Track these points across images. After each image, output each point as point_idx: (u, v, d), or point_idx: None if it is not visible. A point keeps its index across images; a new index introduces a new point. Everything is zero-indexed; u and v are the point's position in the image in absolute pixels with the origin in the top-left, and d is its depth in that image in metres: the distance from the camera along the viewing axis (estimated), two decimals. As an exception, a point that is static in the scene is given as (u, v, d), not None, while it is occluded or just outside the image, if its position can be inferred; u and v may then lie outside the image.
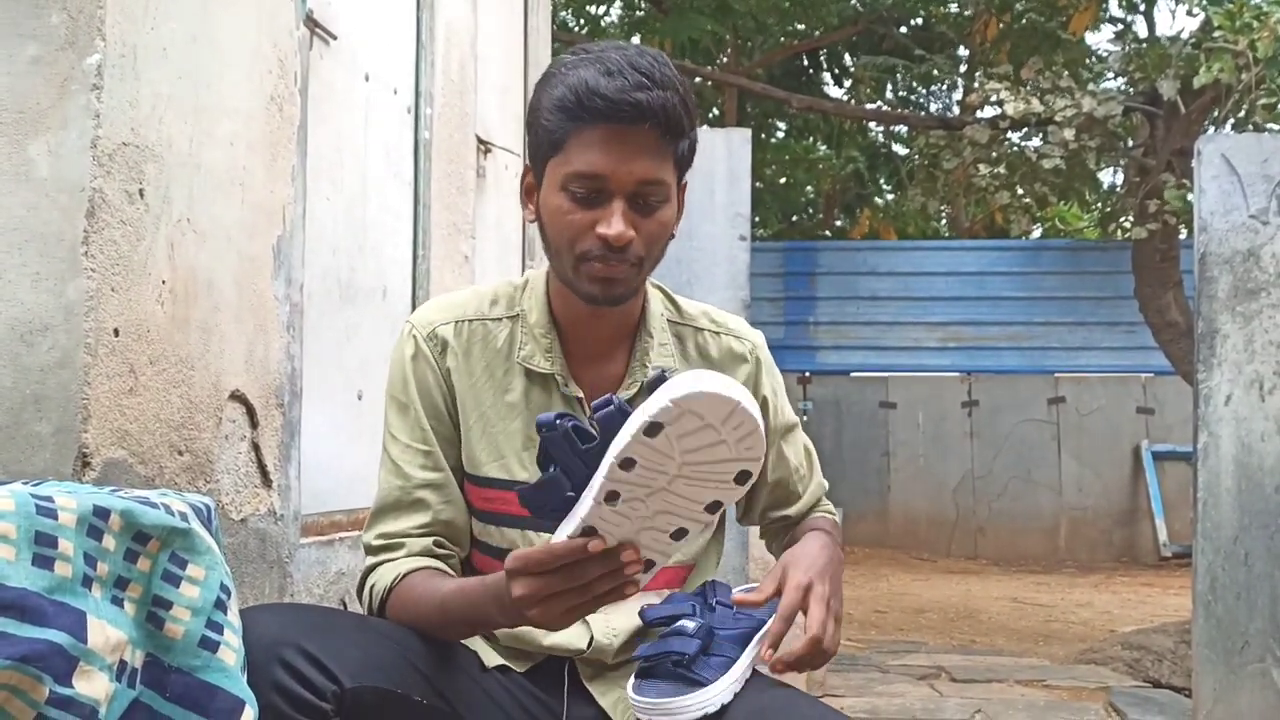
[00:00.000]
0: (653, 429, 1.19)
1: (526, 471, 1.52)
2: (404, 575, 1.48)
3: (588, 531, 1.24)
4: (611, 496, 1.22)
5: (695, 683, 1.36)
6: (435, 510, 1.53)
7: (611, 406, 1.24)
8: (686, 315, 1.62)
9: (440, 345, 1.55)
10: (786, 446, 1.66)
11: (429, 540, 1.52)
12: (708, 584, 1.48)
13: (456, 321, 1.56)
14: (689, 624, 1.40)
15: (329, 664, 1.31)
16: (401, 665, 1.38)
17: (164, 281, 1.85)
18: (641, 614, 1.46)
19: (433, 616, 1.43)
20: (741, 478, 1.24)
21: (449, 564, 1.54)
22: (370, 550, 1.54)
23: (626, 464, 1.21)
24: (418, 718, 1.39)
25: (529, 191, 1.54)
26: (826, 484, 1.74)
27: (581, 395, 1.54)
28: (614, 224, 1.42)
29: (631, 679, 1.40)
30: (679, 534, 1.26)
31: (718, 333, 1.62)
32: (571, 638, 1.52)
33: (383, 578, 1.50)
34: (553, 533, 1.27)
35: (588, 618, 1.49)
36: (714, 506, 1.26)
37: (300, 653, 1.30)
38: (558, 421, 1.26)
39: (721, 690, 1.37)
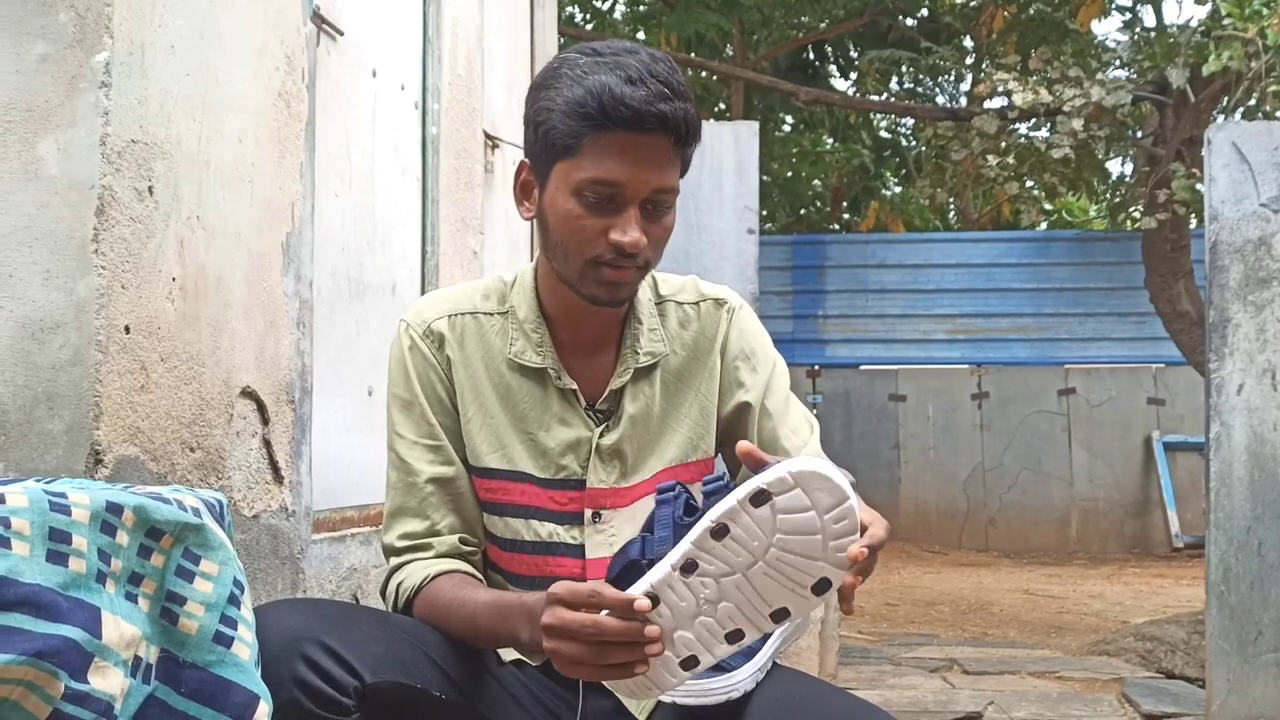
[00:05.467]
0: (760, 497, 1.16)
1: (527, 461, 1.52)
2: (434, 577, 1.48)
3: (651, 598, 1.20)
4: (689, 567, 1.19)
5: (720, 668, 1.36)
6: (453, 506, 1.53)
7: (722, 482, 1.24)
8: (667, 293, 1.61)
9: (437, 340, 1.55)
10: (771, 397, 1.58)
11: (455, 538, 1.53)
12: None
13: (450, 315, 1.56)
14: None
15: (351, 659, 1.31)
16: (420, 660, 1.39)
17: (174, 278, 1.85)
18: None
19: (461, 626, 1.44)
20: (820, 587, 1.19)
21: (473, 560, 1.54)
22: (394, 551, 1.53)
23: (719, 531, 1.17)
24: (435, 712, 1.39)
25: (525, 189, 1.53)
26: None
27: (575, 387, 1.54)
28: (630, 232, 1.42)
29: None
30: (734, 636, 1.22)
31: (697, 303, 1.61)
32: None
33: (411, 575, 1.49)
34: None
35: None
36: (780, 615, 1.21)
37: (322, 648, 1.30)
38: (674, 491, 1.27)
39: (745, 677, 1.37)
